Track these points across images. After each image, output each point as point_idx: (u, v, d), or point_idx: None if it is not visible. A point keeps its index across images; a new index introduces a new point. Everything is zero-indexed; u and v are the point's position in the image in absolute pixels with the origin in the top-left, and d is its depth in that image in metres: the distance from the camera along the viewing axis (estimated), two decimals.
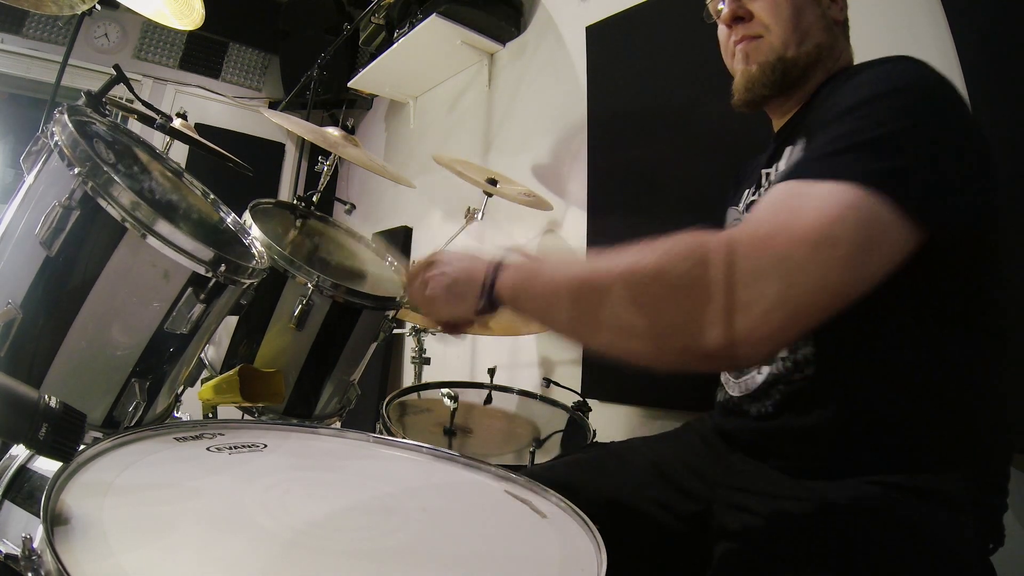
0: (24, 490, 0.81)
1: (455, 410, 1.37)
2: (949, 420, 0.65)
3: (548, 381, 1.70)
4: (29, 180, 0.88)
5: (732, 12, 0.83)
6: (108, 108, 1.14)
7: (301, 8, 3.25)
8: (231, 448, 0.70)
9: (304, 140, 3.48)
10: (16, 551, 0.41)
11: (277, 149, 3.66)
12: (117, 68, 1.16)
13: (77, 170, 0.80)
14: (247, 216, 1.27)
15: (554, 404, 1.53)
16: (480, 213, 1.93)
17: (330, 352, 1.30)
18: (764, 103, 0.85)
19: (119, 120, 1.33)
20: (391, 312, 1.36)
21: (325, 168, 1.82)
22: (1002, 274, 0.69)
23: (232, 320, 1.23)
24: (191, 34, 3.34)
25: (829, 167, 0.56)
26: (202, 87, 3.47)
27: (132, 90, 1.28)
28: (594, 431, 1.38)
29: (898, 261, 0.55)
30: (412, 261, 0.77)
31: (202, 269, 0.87)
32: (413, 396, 1.53)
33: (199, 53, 3.47)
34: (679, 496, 0.80)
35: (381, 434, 1.05)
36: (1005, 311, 0.69)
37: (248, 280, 0.96)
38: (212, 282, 0.88)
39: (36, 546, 0.41)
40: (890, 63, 0.67)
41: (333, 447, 0.81)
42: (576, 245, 1.97)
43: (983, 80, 1.10)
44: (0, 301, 0.81)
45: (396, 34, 2.52)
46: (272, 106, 3.48)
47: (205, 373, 1.31)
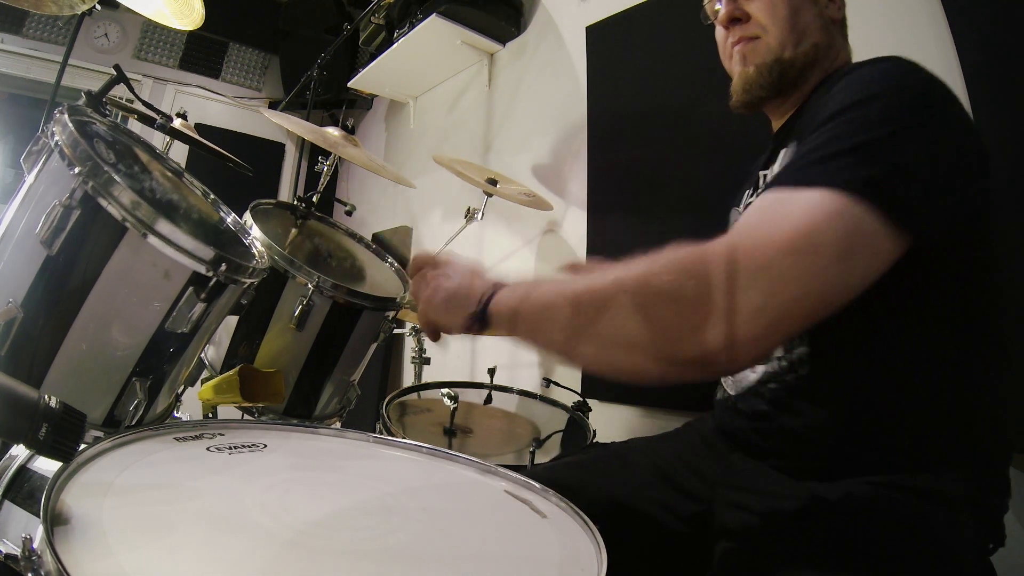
0: (24, 490, 0.81)
1: (455, 410, 1.37)
2: (947, 420, 0.65)
3: (548, 381, 1.69)
4: (30, 180, 0.88)
5: (729, 13, 0.82)
6: (108, 108, 1.14)
7: (301, 8, 3.24)
8: (231, 448, 0.70)
9: (304, 140, 3.49)
10: (16, 551, 0.41)
11: (277, 149, 3.66)
12: (117, 68, 1.16)
13: (78, 169, 0.80)
14: (247, 216, 1.27)
15: (554, 404, 1.53)
16: (480, 213, 1.93)
17: (330, 352, 1.30)
18: (762, 104, 0.85)
19: (119, 120, 1.33)
20: (391, 312, 1.36)
21: (325, 168, 1.82)
22: (1001, 274, 0.68)
23: (232, 320, 1.23)
24: (191, 34, 3.34)
25: (811, 175, 0.56)
26: (202, 87, 3.47)
27: (132, 90, 1.28)
28: (594, 431, 1.38)
29: (883, 267, 0.55)
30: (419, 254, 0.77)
31: (203, 268, 0.87)
32: (413, 396, 1.53)
33: (199, 53, 3.47)
34: (680, 496, 0.80)
35: (381, 434, 1.05)
36: (1004, 311, 0.69)
37: (249, 280, 0.96)
38: (213, 281, 0.88)
39: (36, 546, 0.41)
40: (877, 65, 0.67)
41: (333, 447, 0.81)
42: (576, 245, 1.97)
43: (983, 80, 1.10)
44: (1, 300, 0.81)
45: (396, 34, 2.52)
46: (272, 106, 3.48)
47: (205, 373, 1.31)
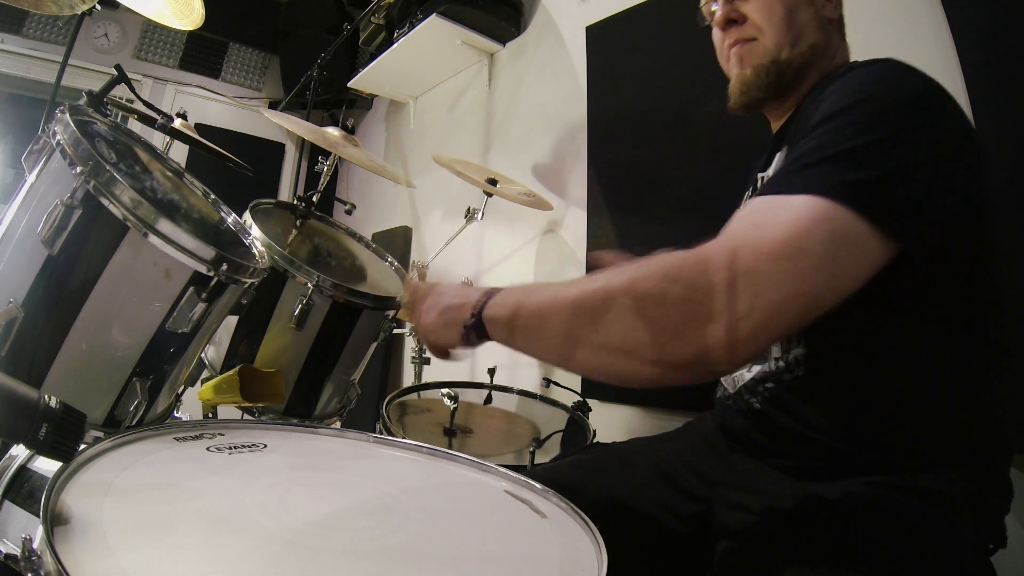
0: (24, 490, 0.81)
1: (455, 410, 1.37)
2: (947, 420, 0.65)
3: (548, 381, 1.69)
4: (31, 179, 0.88)
5: (725, 15, 0.82)
6: (109, 108, 1.14)
7: (301, 8, 3.24)
8: (231, 448, 0.70)
9: (304, 140, 3.48)
10: (16, 551, 0.41)
11: (277, 149, 3.66)
12: (118, 68, 1.16)
13: (79, 169, 0.80)
14: (247, 216, 1.27)
15: (554, 404, 1.53)
16: (480, 213, 1.93)
17: (330, 352, 1.30)
18: (760, 106, 0.85)
19: (119, 120, 1.33)
20: (391, 312, 1.36)
21: (325, 168, 1.82)
22: (1001, 274, 0.68)
23: (232, 320, 1.23)
24: (191, 34, 3.34)
25: (798, 181, 0.57)
26: (202, 87, 3.46)
27: (133, 90, 1.29)
28: (594, 431, 1.38)
29: (872, 271, 0.55)
30: (413, 262, 0.77)
31: (204, 268, 0.87)
32: (413, 396, 1.53)
33: (199, 53, 3.47)
34: (680, 496, 0.80)
35: (381, 434, 1.05)
36: (1004, 311, 0.69)
37: (249, 279, 0.96)
38: (214, 281, 0.88)
39: (36, 546, 0.41)
40: (869, 68, 0.66)
41: (333, 447, 0.81)
42: (576, 245, 1.97)
43: (983, 80, 1.10)
44: (1, 300, 0.81)
45: (396, 34, 2.52)
46: (272, 106, 3.48)
47: (205, 373, 1.31)
